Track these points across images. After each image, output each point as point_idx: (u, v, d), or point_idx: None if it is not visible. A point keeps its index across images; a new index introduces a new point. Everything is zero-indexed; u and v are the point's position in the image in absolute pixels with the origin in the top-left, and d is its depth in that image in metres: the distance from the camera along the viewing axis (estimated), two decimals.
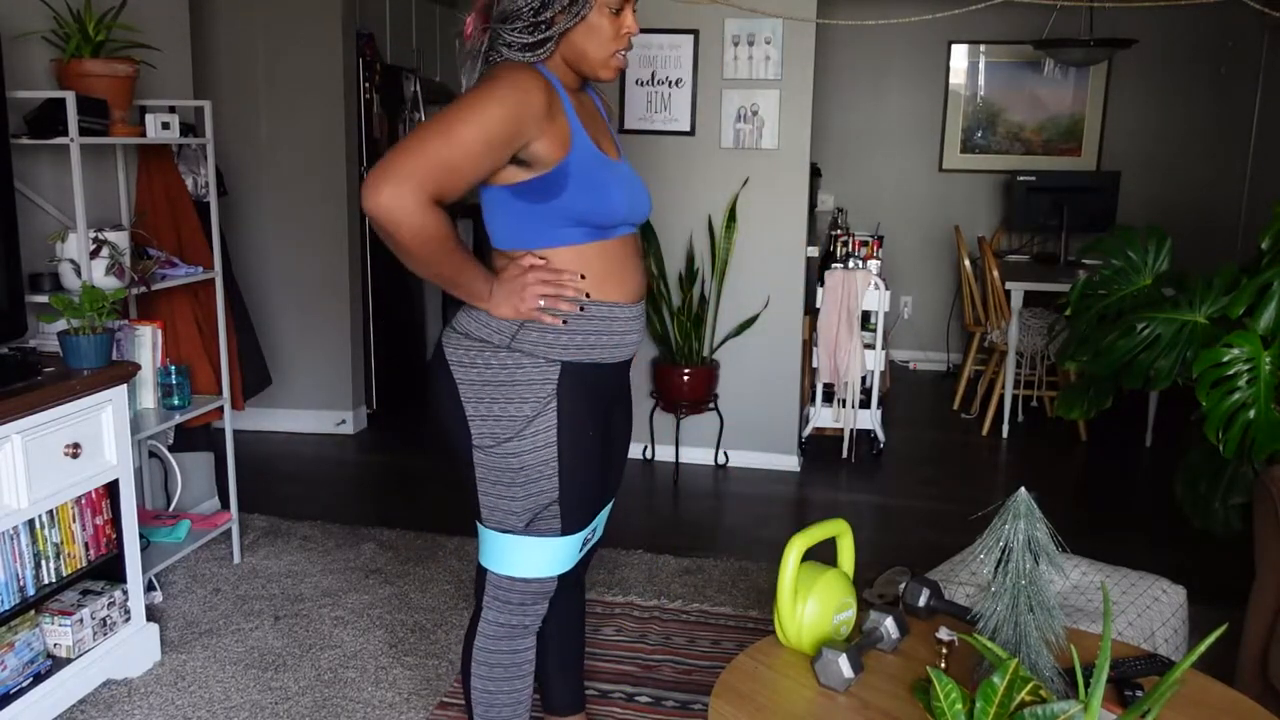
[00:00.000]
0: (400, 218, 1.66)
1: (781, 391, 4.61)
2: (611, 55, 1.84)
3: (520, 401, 1.86)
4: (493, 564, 1.97)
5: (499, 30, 1.81)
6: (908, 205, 6.77)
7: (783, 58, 4.31)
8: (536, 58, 1.81)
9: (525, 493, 1.89)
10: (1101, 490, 4.64)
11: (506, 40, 1.80)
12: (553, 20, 1.78)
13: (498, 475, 1.90)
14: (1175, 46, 6.23)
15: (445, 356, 1.91)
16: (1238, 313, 2.73)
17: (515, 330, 1.85)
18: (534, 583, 1.96)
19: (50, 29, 2.89)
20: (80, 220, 2.79)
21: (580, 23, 1.80)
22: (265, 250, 4.87)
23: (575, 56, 1.83)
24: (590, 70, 1.85)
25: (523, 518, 1.91)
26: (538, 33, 1.79)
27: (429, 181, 1.67)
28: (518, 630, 2.00)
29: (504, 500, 1.91)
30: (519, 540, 1.93)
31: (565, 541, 1.95)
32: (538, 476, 1.88)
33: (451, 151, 1.68)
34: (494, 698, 2.03)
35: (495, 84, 1.73)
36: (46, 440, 2.45)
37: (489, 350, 1.87)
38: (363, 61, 4.91)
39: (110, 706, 2.64)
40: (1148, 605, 2.41)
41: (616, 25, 1.83)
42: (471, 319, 1.91)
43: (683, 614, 3.18)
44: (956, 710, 1.41)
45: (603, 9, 1.80)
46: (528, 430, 1.86)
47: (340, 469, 4.68)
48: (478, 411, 1.88)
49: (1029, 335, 5.16)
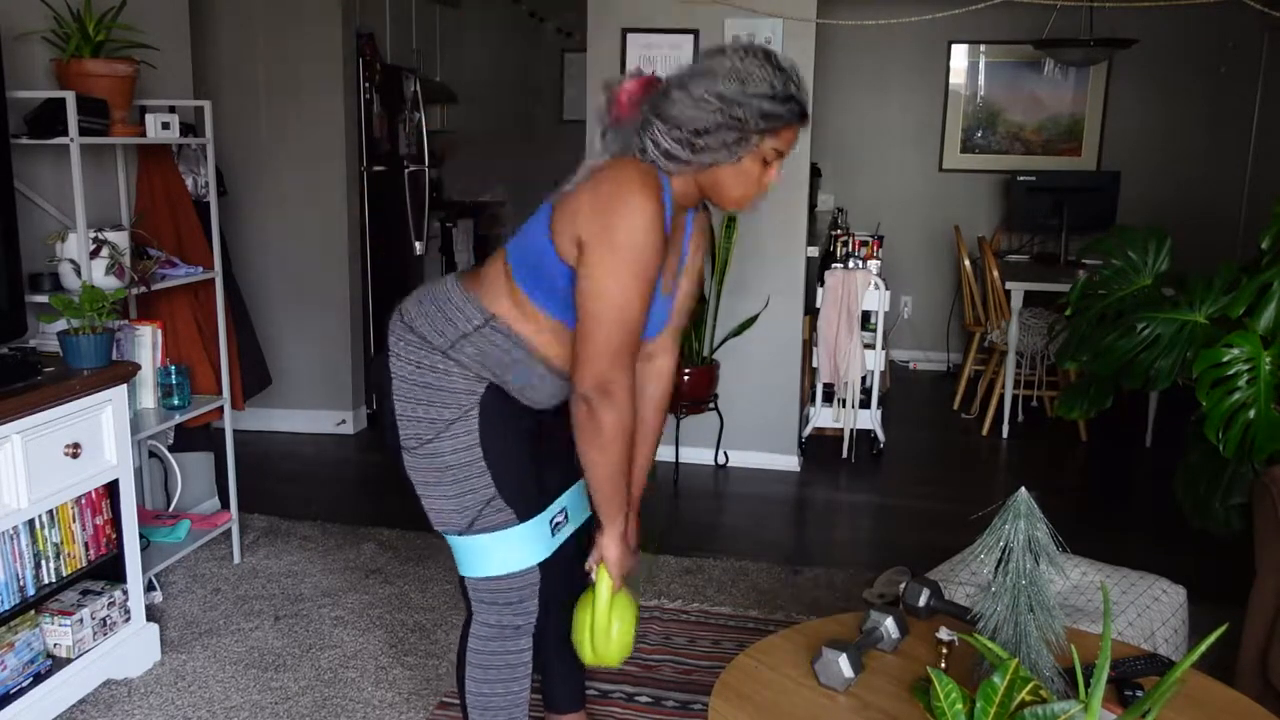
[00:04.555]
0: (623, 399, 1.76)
1: (781, 391, 4.61)
2: (746, 198, 1.82)
3: (442, 405, 1.86)
4: (462, 568, 1.97)
5: (654, 123, 1.77)
6: (908, 205, 6.77)
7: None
8: (675, 168, 1.78)
9: (456, 491, 1.88)
10: (1101, 490, 4.64)
11: (655, 138, 1.76)
12: (708, 148, 1.75)
13: (425, 476, 1.90)
14: (1175, 46, 6.23)
15: (388, 344, 1.92)
16: (1238, 313, 2.73)
17: (457, 339, 1.85)
18: (511, 578, 1.94)
19: (50, 29, 2.89)
20: (80, 220, 2.79)
21: (733, 163, 1.77)
22: (265, 250, 4.87)
23: (711, 186, 1.81)
24: (719, 202, 1.84)
25: (463, 516, 1.89)
26: (689, 151, 1.75)
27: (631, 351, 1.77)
28: (509, 631, 1.99)
29: (439, 500, 1.90)
30: (474, 540, 1.91)
31: (526, 529, 1.93)
32: (467, 475, 1.88)
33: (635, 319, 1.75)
34: (488, 700, 2.02)
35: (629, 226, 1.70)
36: (46, 440, 2.45)
37: (425, 349, 1.87)
38: (363, 61, 4.91)
39: (110, 706, 2.64)
40: (1148, 605, 2.41)
41: (763, 174, 1.80)
42: (421, 313, 1.89)
43: (683, 614, 3.18)
44: (956, 710, 1.41)
45: (756, 156, 1.77)
46: (447, 433, 1.86)
47: (340, 469, 4.68)
48: (403, 410, 1.88)
49: (1029, 335, 5.16)
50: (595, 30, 4.40)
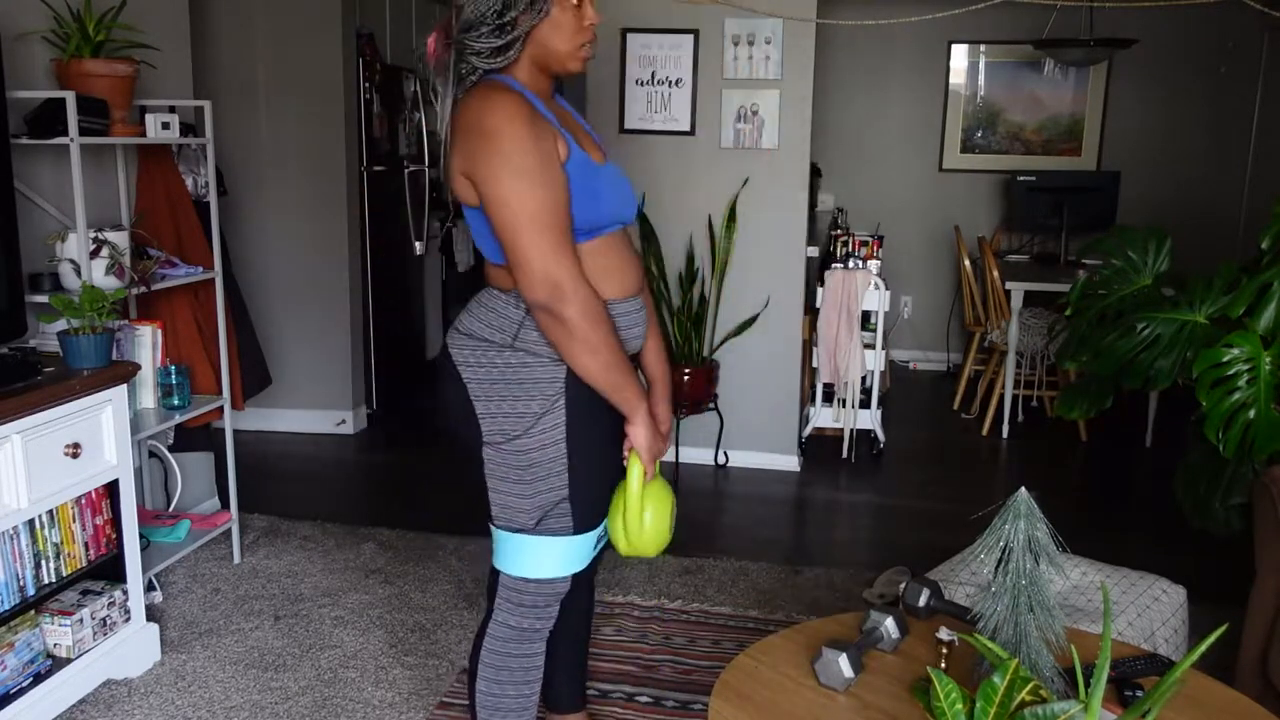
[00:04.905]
0: (575, 289, 1.73)
1: (781, 391, 4.61)
2: (579, 47, 1.85)
3: (528, 399, 1.87)
4: (506, 565, 1.97)
5: (464, 41, 1.82)
6: (908, 205, 6.76)
7: (783, 58, 4.31)
8: (506, 60, 1.81)
9: (535, 490, 1.89)
10: (1101, 490, 4.64)
11: (474, 49, 1.81)
12: (516, 21, 1.79)
13: (506, 472, 1.91)
14: (1175, 46, 6.23)
15: (452, 358, 1.92)
16: (1238, 313, 2.73)
17: (517, 330, 1.86)
18: (547, 584, 1.95)
19: (50, 29, 2.89)
20: (80, 220, 2.79)
21: (544, 19, 1.80)
22: (265, 250, 4.87)
23: (542, 54, 1.84)
24: (559, 64, 1.86)
25: (533, 515, 1.91)
26: (503, 35, 1.79)
27: (560, 242, 1.74)
28: (528, 634, 2.00)
29: (514, 497, 1.91)
30: (531, 540, 1.92)
31: (578, 540, 1.94)
32: (546, 474, 1.89)
33: (546, 209, 1.73)
34: (499, 701, 2.03)
35: (492, 131, 1.72)
36: (46, 440, 2.45)
37: (493, 350, 1.88)
38: (363, 61, 4.91)
39: (110, 706, 2.64)
40: (1148, 605, 2.41)
41: (579, 17, 1.84)
42: (474, 319, 1.92)
43: (683, 614, 3.18)
44: (956, 710, 1.41)
45: (564, 3, 1.81)
46: (536, 427, 1.87)
47: (340, 469, 4.68)
48: (487, 409, 1.89)
49: (1029, 335, 5.16)
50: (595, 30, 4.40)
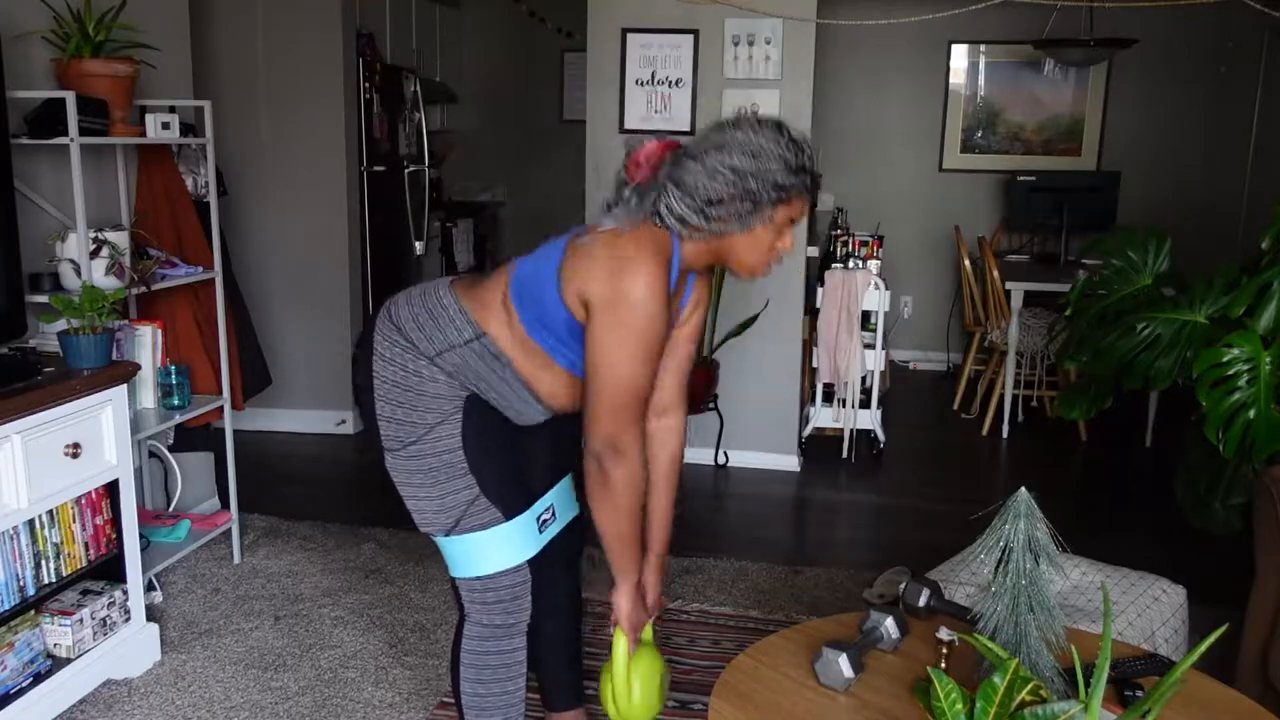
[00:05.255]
0: (632, 456, 1.78)
1: (781, 391, 4.61)
2: (759, 266, 1.84)
3: (425, 410, 1.87)
4: (456, 569, 1.97)
5: (668, 187, 1.78)
6: (908, 205, 6.76)
7: (783, 58, 4.31)
8: (686, 234, 1.80)
9: (440, 492, 1.89)
10: (1101, 490, 4.64)
11: (669, 203, 1.78)
12: (720, 217, 1.77)
13: (408, 477, 1.91)
14: (1175, 46, 6.23)
15: (373, 344, 1.91)
16: (1238, 313, 2.73)
17: (444, 348, 1.86)
18: (501, 576, 1.95)
19: (50, 29, 2.88)
20: (80, 220, 2.79)
21: (745, 233, 1.79)
22: (265, 250, 4.87)
23: (725, 253, 1.83)
24: (733, 269, 1.86)
25: (449, 516, 1.90)
26: (700, 219, 1.77)
27: (639, 414, 1.79)
28: (502, 630, 2.00)
29: (423, 502, 1.91)
30: (461, 540, 1.92)
31: (513, 526, 1.93)
32: (449, 477, 1.88)
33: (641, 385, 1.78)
34: (484, 700, 2.03)
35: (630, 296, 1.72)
36: (46, 440, 2.45)
37: (411, 353, 1.87)
38: (363, 61, 4.91)
39: (110, 706, 2.64)
40: (1148, 605, 2.41)
41: (775, 239, 1.82)
42: (411, 315, 1.90)
43: (683, 614, 3.18)
44: (956, 710, 1.41)
45: (772, 225, 1.79)
46: (429, 435, 1.87)
47: (340, 469, 4.68)
48: (382, 411, 1.89)
49: (1029, 335, 5.16)
50: (595, 30, 4.40)
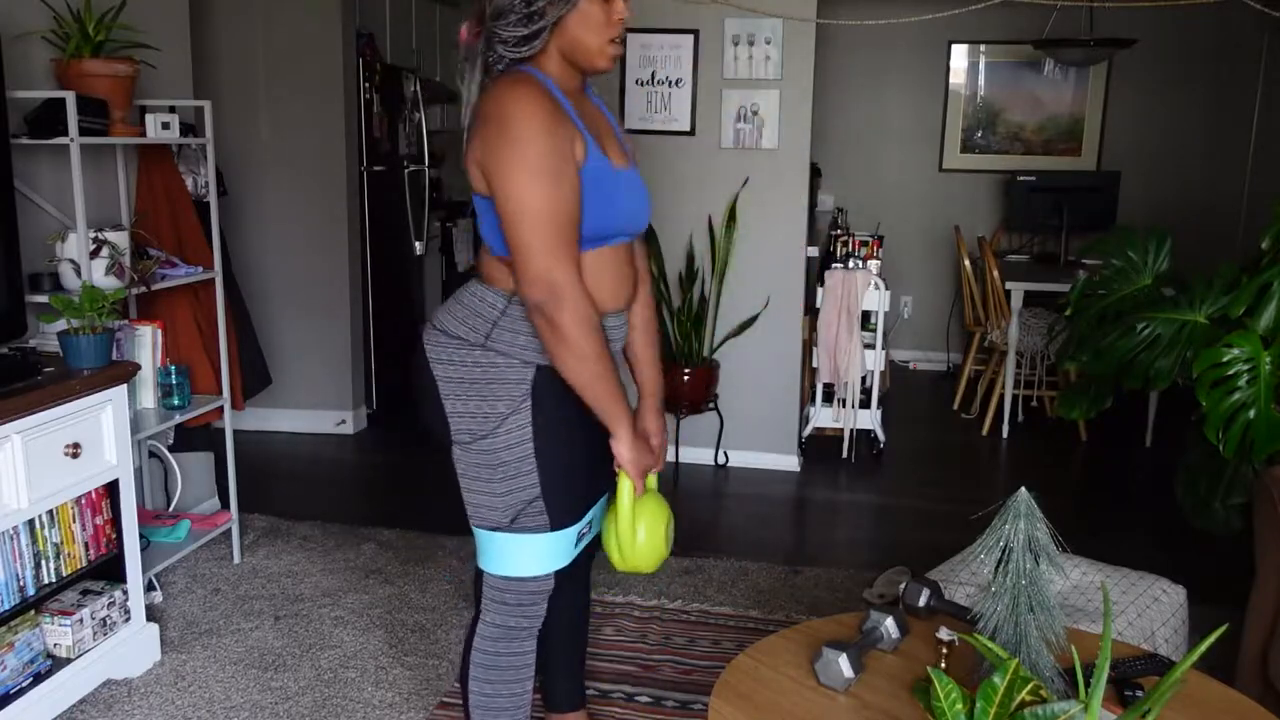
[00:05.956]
0: (573, 293, 1.73)
1: (781, 391, 4.61)
2: (607, 42, 1.84)
3: (495, 399, 1.86)
4: (488, 565, 1.97)
5: (493, 29, 1.82)
6: (908, 205, 6.76)
7: (783, 58, 4.31)
8: (532, 49, 1.81)
9: (505, 488, 1.89)
10: (1101, 490, 4.64)
11: (501, 37, 1.81)
12: (544, 10, 1.78)
13: (476, 471, 1.90)
14: (1175, 46, 6.23)
15: (426, 354, 1.92)
16: (1238, 313, 2.73)
17: (489, 329, 1.86)
18: (530, 581, 1.95)
19: (50, 29, 2.88)
20: (80, 220, 2.79)
21: (572, 10, 1.79)
22: (265, 250, 4.87)
23: (570, 46, 1.83)
24: (587, 60, 1.84)
25: (506, 514, 1.90)
26: (531, 24, 1.79)
27: (564, 244, 1.73)
28: (516, 632, 2.00)
29: (484, 496, 1.91)
30: (508, 539, 1.92)
31: (555, 537, 1.93)
32: (515, 473, 1.88)
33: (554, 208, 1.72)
34: (492, 700, 2.02)
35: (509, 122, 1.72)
36: (46, 440, 2.45)
37: (465, 348, 1.87)
38: (363, 61, 4.91)
39: (110, 706, 2.64)
40: (1148, 605, 2.41)
41: (609, 12, 1.82)
42: (450, 315, 1.91)
43: (683, 614, 3.18)
44: (956, 710, 1.41)
45: None
46: (502, 428, 1.86)
47: (340, 469, 4.68)
48: (454, 408, 1.89)
49: (1029, 335, 5.16)
50: None
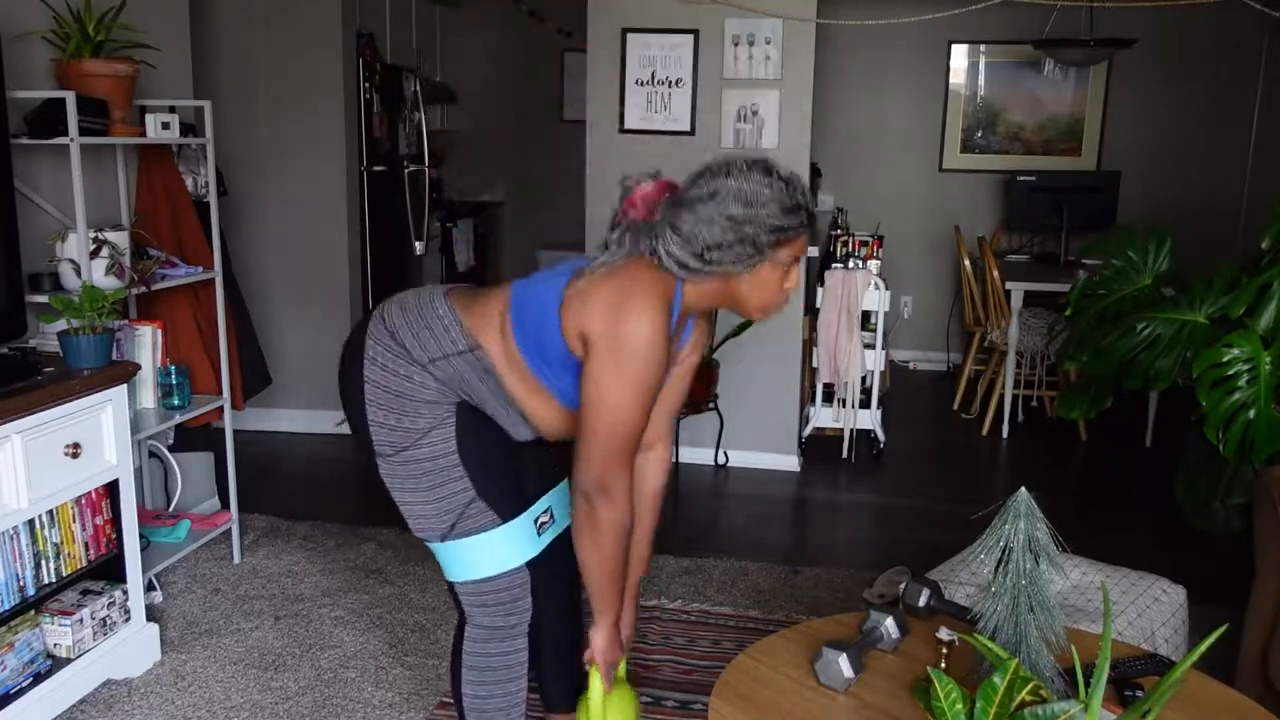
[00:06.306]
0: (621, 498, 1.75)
1: (781, 391, 4.61)
2: (768, 306, 1.82)
3: (416, 415, 1.85)
4: (451, 574, 1.95)
5: (665, 230, 1.76)
6: (908, 205, 6.76)
7: (783, 58, 4.31)
8: (687, 276, 1.77)
9: (437, 495, 1.87)
10: (1101, 490, 4.64)
11: (667, 246, 1.75)
12: (719, 261, 1.74)
13: (403, 482, 1.89)
14: (1175, 46, 6.23)
15: (364, 348, 1.89)
16: (1238, 313, 2.73)
17: (438, 357, 1.84)
18: (500, 579, 1.93)
19: (50, 29, 2.89)
20: (80, 220, 2.79)
21: (748, 274, 1.77)
22: (265, 250, 4.87)
23: (733, 296, 1.80)
24: (742, 311, 1.83)
25: (445, 519, 1.88)
26: (698, 263, 1.75)
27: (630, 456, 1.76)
28: (503, 632, 1.99)
29: (419, 506, 1.89)
30: (458, 544, 1.90)
31: (510, 529, 1.92)
32: (445, 480, 1.86)
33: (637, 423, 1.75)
34: (486, 702, 2.02)
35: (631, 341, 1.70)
36: (46, 440, 2.45)
37: (404, 359, 1.85)
38: (363, 61, 4.91)
39: (110, 706, 2.64)
40: (1148, 605, 2.41)
41: (782, 278, 1.79)
42: (406, 322, 1.87)
43: (683, 614, 3.18)
44: (956, 710, 1.41)
45: (776, 263, 1.77)
46: (425, 439, 1.85)
47: (340, 469, 4.67)
48: (375, 417, 1.87)
49: (1029, 335, 5.16)
50: (595, 30, 4.40)
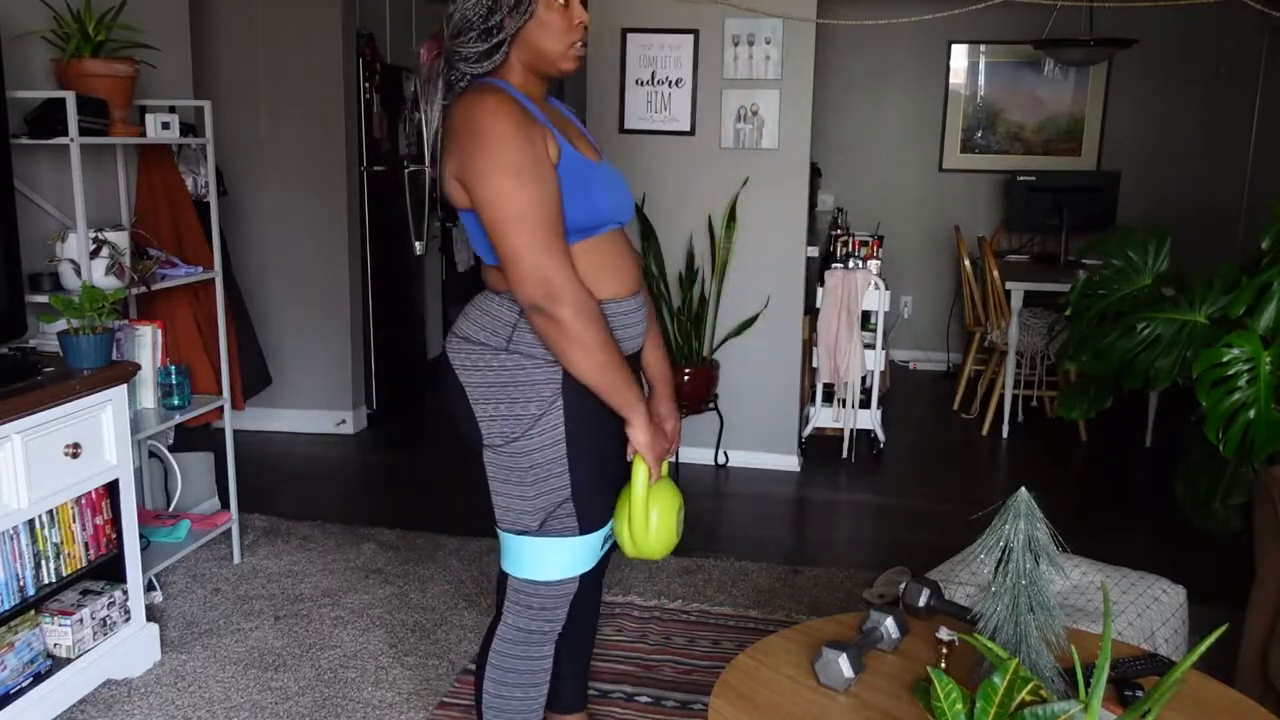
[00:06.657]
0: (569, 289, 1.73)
1: (781, 391, 4.61)
2: (569, 46, 1.84)
3: (525, 401, 1.86)
4: (513, 568, 1.97)
5: (453, 48, 1.83)
6: (908, 205, 6.77)
7: (783, 58, 4.31)
8: (494, 63, 1.82)
9: (536, 491, 1.89)
10: (1101, 490, 4.64)
11: (462, 55, 1.82)
12: (502, 24, 1.79)
13: (507, 474, 1.91)
14: (1175, 46, 6.23)
15: (451, 363, 1.93)
16: (1238, 313, 2.73)
17: (510, 332, 1.86)
18: (555, 585, 1.95)
19: (50, 29, 2.89)
20: (80, 220, 2.79)
21: (530, 21, 1.80)
22: (265, 250, 4.87)
23: (533, 56, 1.84)
24: (551, 65, 1.85)
25: (536, 517, 1.90)
26: (490, 38, 1.80)
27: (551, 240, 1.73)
28: (536, 636, 2.00)
29: (516, 499, 1.91)
30: (536, 542, 1.92)
31: (583, 541, 1.94)
32: (547, 475, 1.88)
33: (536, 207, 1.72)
34: (506, 703, 2.02)
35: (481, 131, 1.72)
36: (46, 440, 2.45)
37: (489, 353, 1.88)
38: (363, 61, 4.91)
39: (110, 706, 2.64)
40: (1148, 605, 2.41)
41: (567, 17, 1.83)
42: (469, 323, 1.92)
43: (683, 614, 3.18)
44: (956, 710, 1.41)
45: (550, 3, 1.81)
46: (534, 429, 1.87)
47: (340, 469, 4.67)
48: (485, 412, 1.89)
49: (1029, 335, 5.16)
50: (595, 30, 4.40)
